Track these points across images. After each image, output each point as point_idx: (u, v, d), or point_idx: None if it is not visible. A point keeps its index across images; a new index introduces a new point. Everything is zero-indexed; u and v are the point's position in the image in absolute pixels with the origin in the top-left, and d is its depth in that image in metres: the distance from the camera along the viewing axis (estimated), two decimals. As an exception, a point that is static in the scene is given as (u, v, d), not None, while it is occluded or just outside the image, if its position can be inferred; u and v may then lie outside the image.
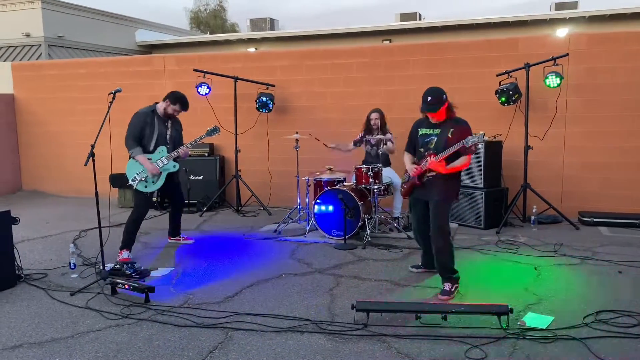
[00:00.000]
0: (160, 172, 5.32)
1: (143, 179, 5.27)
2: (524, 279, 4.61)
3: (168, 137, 5.41)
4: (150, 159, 5.26)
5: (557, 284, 4.46)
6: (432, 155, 4.20)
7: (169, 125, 5.45)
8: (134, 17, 18.32)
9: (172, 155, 5.33)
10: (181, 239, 5.95)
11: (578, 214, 6.76)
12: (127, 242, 5.29)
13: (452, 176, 4.29)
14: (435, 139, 4.26)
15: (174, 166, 5.39)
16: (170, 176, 5.45)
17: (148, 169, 5.23)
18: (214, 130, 5.63)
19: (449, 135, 4.18)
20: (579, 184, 6.97)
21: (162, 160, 5.30)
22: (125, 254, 5.24)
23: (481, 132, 4.08)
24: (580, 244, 5.67)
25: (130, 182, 5.30)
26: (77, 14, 15.87)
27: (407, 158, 4.56)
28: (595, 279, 4.56)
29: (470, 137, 4.08)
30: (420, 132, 4.42)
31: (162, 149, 5.33)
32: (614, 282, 4.49)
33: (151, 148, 5.30)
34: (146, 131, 5.28)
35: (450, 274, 4.30)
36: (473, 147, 4.08)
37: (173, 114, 5.42)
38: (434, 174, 4.25)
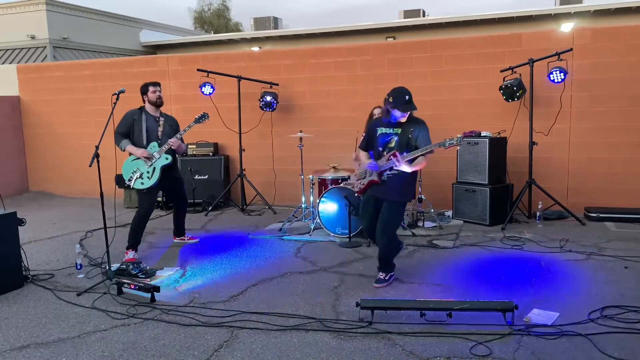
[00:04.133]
0: (152, 166, 5.28)
1: (139, 177, 5.28)
2: (529, 275, 4.60)
3: (159, 132, 5.41)
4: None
5: (563, 280, 4.45)
6: (396, 154, 4.15)
7: (161, 121, 5.45)
8: (138, 17, 18.37)
9: (164, 148, 5.31)
10: (186, 238, 5.97)
11: (584, 210, 6.73)
12: (133, 243, 5.33)
13: (412, 177, 4.36)
14: (397, 138, 4.28)
15: (167, 158, 5.34)
16: (170, 173, 5.43)
17: (137, 154, 5.24)
18: (202, 117, 5.60)
19: (409, 135, 4.24)
20: (584, 179, 6.94)
21: (155, 155, 5.29)
22: (131, 254, 5.27)
23: (459, 135, 4.16)
24: (586, 240, 5.65)
25: (127, 182, 5.32)
26: (82, 16, 15.93)
27: (363, 155, 4.55)
28: (601, 275, 4.54)
29: (447, 139, 4.16)
30: (379, 132, 4.40)
31: (154, 144, 5.34)
32: (620, 277, 4.47)
33: (144, 144, 5.32)
34: (134, 128, 5.32)
35: (387, 266, 4.46)
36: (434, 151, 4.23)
37: (157, 96, 5.40)
38: (395, 172, 4.27)
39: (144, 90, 5.42)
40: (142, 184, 5.28)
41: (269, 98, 7.71)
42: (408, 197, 4.44)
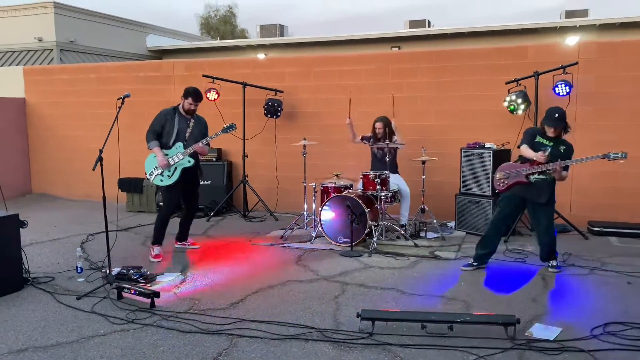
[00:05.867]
0: (173, 166, 5.44)
1: (159, 173, 5.45)
2: (531, 289, 4.56)
3: (188, 134, 5.53)
4: (166, 154, 5.42)
5: (565, 295, 4.42)
6: (559, 161, 4.68)
7: (191, 123, 5.57)
8: (145, 22, 18.49)
9: (188, 151, 5.44)
10: (187, 243, 5.97)
11: (587, 224, 6.70)
12: (158, 238, 5.55)
13: (554, 185, 4.86)
14: (549, 149, 4.75)
15: (189, 161, 5.47)
16: (191, 177, 5.58)
17: (158, 160, 5.39)
18: (230, 127, 5.69)
19: (561, 150, 4.77)
20: (588, 193, 6.91)
21: (178, 156, 5.44)
22: (156, 250, 5.50)
23: (625, 151, 4.58)
24: (589, 254, 5.61)
25: (148, 176, 5.52)
26: (89, 19, 16.04)
27: (527, 149, 4.89)
28: (604, 290, 4.51)
29: (612, 152, 4.65)
30: (538, 139, 4.87)
31: (179, 144, 5.48)
32: (623, 293, 4.43)
33: (170, 144, 5.47)
34: (166, 128, 5.49)
35: (554, 255, 5.06)
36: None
37: (190, 109, 5.53)
38: (543, 177, 4.78)
39: (185, 95, 5.53)
40: (162, 180, 5.47)
41: (273, 105, 7.72)
42: (554, 202, 4.98)
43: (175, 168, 5.44)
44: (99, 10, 16.54)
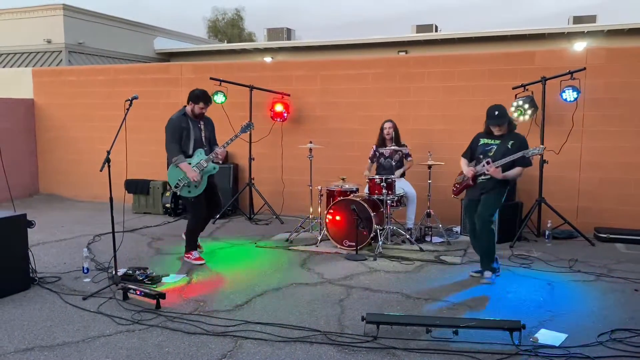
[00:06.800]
0: (202, 177, 5.33)
1: (186, 184, 5.29)
2: (537, 294, 4.55)
3: (204, 138, 5.45)
4: (190, 164, 5.28)
5: (571, 301, 4.40)
6: (489, 162, 4.67)
7: (202, 126, 5.47)
8: (153, 25, 18.60)
9: (211, 157, 5.34)
10: (192, 256, 5.55)
11: (594, 230, 6.67)
12: (192, 245, 5.51)
13: (503, 183, 4.78)
14: (495, 147, 4.76)
15: (214, 168, 5.41)
16: (210, 179, 5.46)
17: (190, 177, 5.24)
18: (248, 126, 5.61)
19: (508, 146, 4.70)
20: (595, 199, 6.88)
21: (202, 164, 5.30)
22: (194, 254, 5.47)
23: (542, 146, 4.46)
24: (595, 261, 5.59)
25: (174, 189, 5.35)
26: (98, 21, 16.15)
27: (464, 162, 5.05)
28: (610, 297, 4.48)
29: (531, 148, 4.61)
30: (481, 142, 4.90)
31: (200, 151, 5.36)
32: (629, 300, 4.41)
33: (190, 152, 5.34)
34: (183, 134, 5.31)
35: (490, 263, 4.83)
36: (531, 159, 4.74)
37: (201, 113, 5.41)
38: (488, 177, 4.73)
39: (195, 100, 5.35)
40: (190, 192, 5.32)
41: (280, 108, 7.74)
42: (501, 191, 4.81)
43: (201, 176, 5.31)
44: (108, 13, 16.66)
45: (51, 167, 9.78)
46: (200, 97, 5.36)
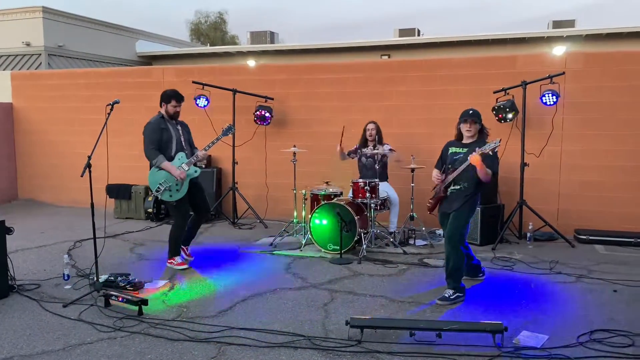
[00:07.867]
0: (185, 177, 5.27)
1: (167, 188, 5.21)
2: (519, 296, 4.60)
3: (183, 141, 5.40)
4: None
5: (552, 302, 4.45)
6: (453, 171, 4.57)
7: (180, 129, 5.43)
8: (134, 27, 18.43)
9: (192, 160, 5.30)
10: (176, 260, 5.47)
11: (574, 232, 6.77)
12: (176, 250, 5.42)
13: (474, 193, 4.60)
14: (462, 155, 4.60)
15: (196, 171, 5.35)
16: (194, 183, 5.41)
17: (175, 175, 5.17)
18: (229, 129, 5.56)
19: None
20: (575, 201, 6.99)
21: (183, 167, 5.25)
22: (177, 259, 5.39)
23: (497, 139, 4.39)
24: (575, 262, 5.67)
25: (155, 193, 5.26)
26: (78, 24, 15.95)
27: (435, 173, 4.86)
28: (590, 298, 4.55)
29: (487, 144, 4.40)
30: (450, 151, 4.76)
31: (181, 154, 5.31)
32: (609, 301, 4.48)
33: (172, 153, 5.28)
34: (163, 137, 5.25)
35: (454, 282, 4.51)
36: (496, 165, 4.55)
37: (176, 111, 5.36)
38: (458, 187, 4.60)
39: (167, 99, 5.32)
40: (171, 196, 5.24)
41: (263, 112, 7.72)
42: (470, 208, 4.61)
43: (183, 180, 5.25)
44: (88, 15, 16.47)
45: (31, 172, 9.62)
46: (172, 95, 5.34)
